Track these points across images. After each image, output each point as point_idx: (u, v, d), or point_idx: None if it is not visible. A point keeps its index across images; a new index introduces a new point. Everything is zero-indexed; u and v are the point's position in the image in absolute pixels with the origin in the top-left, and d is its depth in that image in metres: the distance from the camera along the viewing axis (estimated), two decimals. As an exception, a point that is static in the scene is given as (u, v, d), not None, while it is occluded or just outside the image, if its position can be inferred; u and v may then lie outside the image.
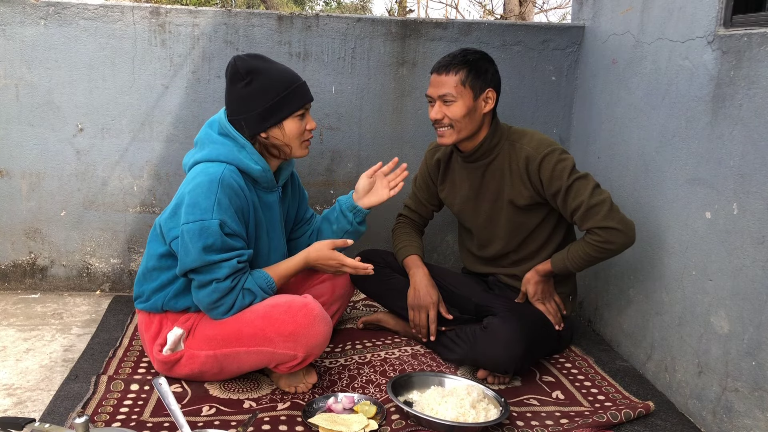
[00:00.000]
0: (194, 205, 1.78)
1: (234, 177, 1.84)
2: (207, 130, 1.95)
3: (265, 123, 1.90)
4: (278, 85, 1.89)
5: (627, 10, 2.40)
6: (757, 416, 1.66)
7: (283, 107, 1.89)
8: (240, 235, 1.84)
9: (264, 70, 1.89)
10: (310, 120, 1.97)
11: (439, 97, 2.06)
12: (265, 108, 1.88)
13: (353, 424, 1.72)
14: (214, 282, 1.80)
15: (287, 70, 1.95)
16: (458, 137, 2.09)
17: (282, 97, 1.89)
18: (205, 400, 1.89)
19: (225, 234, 1.79)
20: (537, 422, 1.84)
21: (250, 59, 1.91)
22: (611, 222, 1.99)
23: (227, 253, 1.79)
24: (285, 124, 1.91)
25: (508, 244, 2.24)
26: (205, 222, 1.76)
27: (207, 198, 1.78)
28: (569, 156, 2.07)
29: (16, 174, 2.67)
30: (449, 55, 2.10)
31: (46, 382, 1.99)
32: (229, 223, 1.79)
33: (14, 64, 2.58)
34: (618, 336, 2.41)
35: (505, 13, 10.79)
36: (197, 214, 1.77)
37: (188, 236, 1.77)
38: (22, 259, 2.76)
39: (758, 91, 1.68)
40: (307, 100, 1.94)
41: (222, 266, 1.79)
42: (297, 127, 1.92)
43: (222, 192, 1.79)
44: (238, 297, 1.83)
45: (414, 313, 2.21)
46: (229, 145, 1.89)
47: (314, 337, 1.82)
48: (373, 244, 2.88)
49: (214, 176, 1.80)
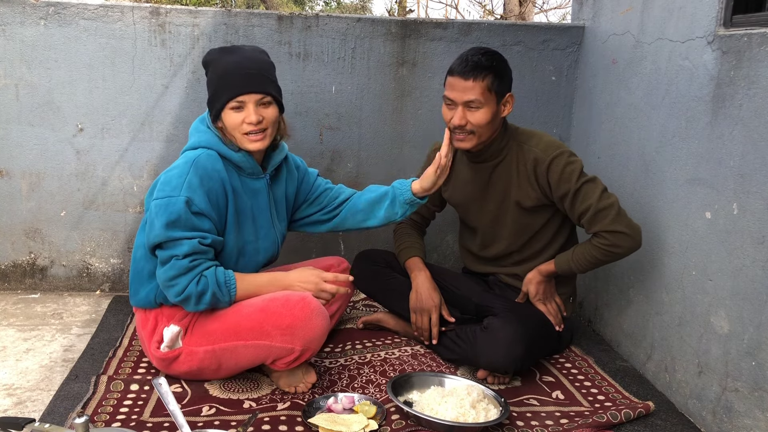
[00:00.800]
0: (166, 182, 1.83)
1: (210, 160, 1.87)
2: (197, 123, 2.00)
3: (210, 114, 1.93)
4: (216, 75, 1.88)
5: (627, 10, 2.40)
6: (757, 416, 1.66)
7: (219, 98, 1.87)
8: (208, 216, 1.84)
9: (214, 60, 1.90)
10: (250, 113, 1.85)
11: (465, 102, 2.00)
12: (209, 98, 1.92)
13: (353, 424, 1.72)
14: (173, 258, 1.80)
15: (237, 60, 1.88)
16: (478, 142, 2.06)
17: (216, 88, 1.88)
18: (205, 400, 1.89)
19: (192, 213, 1.80)
20: (537, 422, 1.84)
21: (212, 52, 1.94)
22: (619, 226, 1.99)
23: (190, 232, 1.81)
24: (223, 116, 1.88)
25: (512, 244, 2.23)
26: (171, 198, 1.79)
27: (178, 177, 1.82)
28: (578, 159, 2.06)
29: (16, 174, 2.67)
30: (470, 57, 2.00)
31: (46, 382, 1.99)
32: (196, 201, 1.80)
33: (14, 64, 2.58)
34: (618, 336, 2.41)
35: (505, 13, 10.79)
36: (166, 191, 1.81)
37: (155, 211, 1.81)
38: (22, 259, 2.76)
39: (758, 91, 1.68)
40: (242, 91, 1.84)
41: (183, 243, 1.80)
42: (233, 120, 1.87)
43: (194, 172, 1.82)
44: (193, 280, 1.81)
45: (416, 316, 2.21)
46: (211, 134, 1.93)
47: (312, 330, 1.82)
48: (373, 244, 2.88)
49: (190, 158, 1.85)
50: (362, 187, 2.86)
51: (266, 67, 1.92)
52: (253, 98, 1.86)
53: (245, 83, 1.85)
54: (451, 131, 2.04)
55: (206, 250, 1.84)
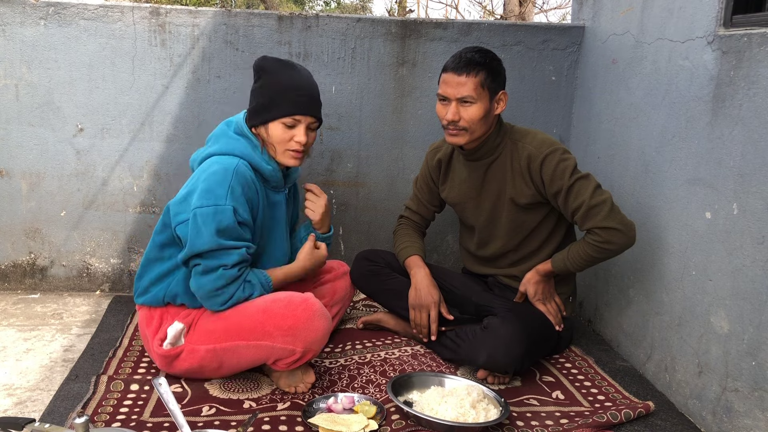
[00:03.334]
0: (209, 191, 1.83)
1: (247, 170, 1.90)
2: (223, 127, 2.01)
3: (255, 119, 1.96)
4: (275, 87, 1.93)
5: (627, 10, 2.40)
6: (757, 416, 1.66)
7: (271, 109, 1.92)
8: (249, 226, 1.89)
9: (273, 71, 1.95)
10: (300, 133, 1.93)
11: (458, 98, 2.03)
12: (259, 104, 1.95)
13: (353, 424, 1.72)
14: (222, 268, 1.82)
15: (299, 79, 1.95)
16: (470, 139, 2.08)
17: (273, 99, 1.92)
18: (205, 400, 1.89)
19: (238, 222, 1.83)
20: (537, 422, 1.84)
21: (269, 60, 1.98)
22: (612, 222, 1.99)
23: (239, 242, 1.84)
24: (270, 126, 1.93)
25: (508, 243, 2.24)
26: (219, 206, 1.81)
27: (221, 185, 1.83)
28: (571, 156, 2.07)
29: (16, 174, 2.67)
30: (464, 54, 2.05)
31: (46, 382, 1.99)
32: (240, 211, 1.84)
33: (14, 64, 2.58)
34: (618, 336, 2.41)
35: (505, 13, 10.79)
36: (212, 199, 1.81)
37: (201, 219, 1.80)
38: (22, 259, 2.76)
39: (758, 91, 1.68)
40: (300, 112, 1.92)
41: (232, 253, 1.83)
42: (280, 134, 1.93)
43: (236, 181, 1.85)
44: (239, 288, 1.86)
45: (415, 312, 2.21)
46: (243, 142, 1.95)
47: (313, 331, 1.83)
48: (373, 245, 2.89)
49: (230, 166, 1.86)
50: (362, 186, 2.88)
51: (318, 93, 2.00)
52: (307, 120, 1.95)
53: (307, 105, 1.94)
54: (445, 127, 2.08)
55: (249, 259, 1.89)
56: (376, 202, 2.88)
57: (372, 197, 2.86)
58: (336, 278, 2.33)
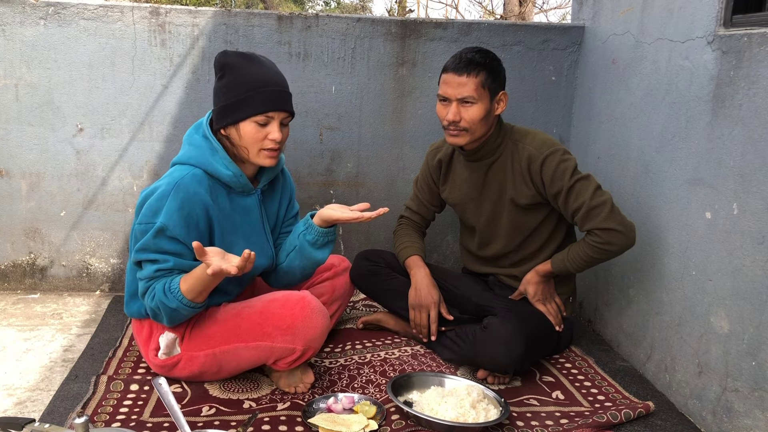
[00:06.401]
0: (148, 207, 1.78)
1: (194, 183, 1.80)
2: (191, 131, 1.93)
3: (223, 120, 1.84)
4: (243, 85, 1.80)
5: (627, 10, 2.40)
6: (757, 416, 1.66)
7: (241, 108, 1.80)
8: (182, 241, 1.77)
9: (238, 67, 1.82)
10: (274, 130, 1.81)
11: (459, 99, 2.02)
12: (225, 105, 1.82)
13: (353, 424, 1.72)
14: (140, 280, 1.82)
15: (267, 73, 1.83)
16: (471, 139, 2.07)
17: (243, 98, 1.79)
18: (205, 400, 1.89)
19: (167, 236, 1.75)
20: (537, 422, 1.84)
21: (231, 55, 1.85)
22: (612, 223, 1.99)
23: (155, 254, 1.77)
24: (241, 125, 1.81)
25: (509, 243, 2.24)
26: (149, 225, 1.77)
27: (159, 201, 1.77)
28: (571, 157, 2.07)
29: (16, 174, 2.67)
30: (464, 54, 2.04)
31: (46, 382, 1.99)
32: (170, 227, 1.75)
33: (14, 64, 2.58)
34: (618, 336, 2.41)
35: (505, 13, 10.80)
36: (147, 216, 1.77)
37: (137, 234, 1.81)
38: (22, 259, 2.76)
39: (758, 91, 1.68)
40: (273, 108, 1.80)
41: (146, 265, 1.80)
42: (253, 133, 1.81)
43: (174, 197, 1.76)
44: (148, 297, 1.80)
45: (415, 312, 2.21)
46: (203, 148, 1.86)
47: (312, 329, 1.82)
48: (373, 245, 2.89)
49: (173, 181, 1.79)
50: (362, 186, 2.88)
51: (288, 85, 1.88)
52: (281, 116, 1.83)
53: (279, 100, 1.82)
54: (445, 128, 2.07)
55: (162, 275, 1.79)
56: (376, 202, 2.88)
57: (372, 197, 2.86)
58: (336, 275, 2.28)
